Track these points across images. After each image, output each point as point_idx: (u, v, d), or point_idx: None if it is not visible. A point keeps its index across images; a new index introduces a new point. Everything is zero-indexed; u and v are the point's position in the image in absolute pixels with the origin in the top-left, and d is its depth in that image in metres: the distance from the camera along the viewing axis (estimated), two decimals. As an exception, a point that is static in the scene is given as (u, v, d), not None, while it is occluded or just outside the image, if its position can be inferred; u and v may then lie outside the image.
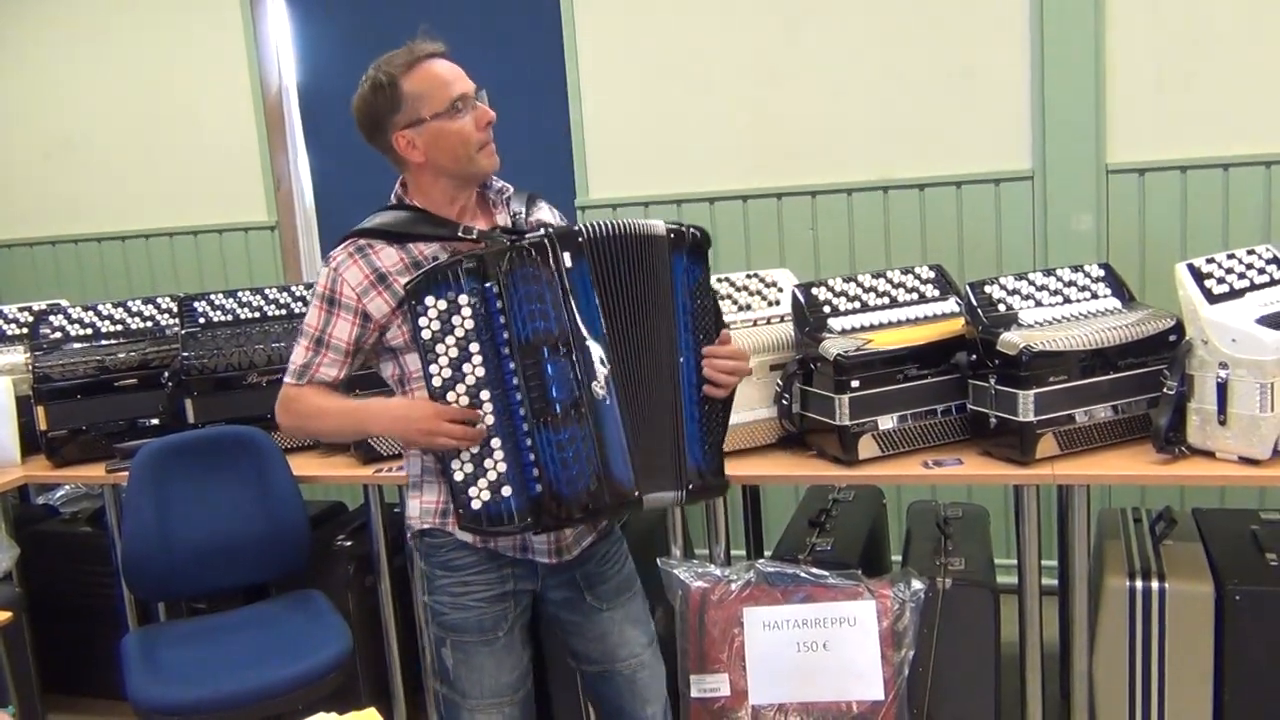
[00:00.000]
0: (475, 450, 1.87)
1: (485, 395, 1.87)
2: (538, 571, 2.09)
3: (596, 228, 1.90)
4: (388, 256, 1.99)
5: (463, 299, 1.85)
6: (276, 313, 3.49)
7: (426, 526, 2.07)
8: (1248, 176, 3.40)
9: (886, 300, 2.85)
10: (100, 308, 3.52)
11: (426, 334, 1.86)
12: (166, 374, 3.24)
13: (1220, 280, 2.48)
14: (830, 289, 2.83)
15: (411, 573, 3.05)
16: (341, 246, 2.03)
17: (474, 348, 1.86)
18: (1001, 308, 2.66)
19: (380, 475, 2.96)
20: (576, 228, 1.91)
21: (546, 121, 4.05)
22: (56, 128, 4.73)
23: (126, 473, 2.96)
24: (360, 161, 4.43)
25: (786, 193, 3.85)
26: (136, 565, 2.88)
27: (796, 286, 2.80)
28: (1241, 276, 2.51)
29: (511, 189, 2.13)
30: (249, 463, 3.00)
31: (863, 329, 2.73)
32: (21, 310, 3.69)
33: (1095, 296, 2.77)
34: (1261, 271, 2.54)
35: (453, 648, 2.08)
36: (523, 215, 2.07)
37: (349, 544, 3.22)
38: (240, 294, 3.49)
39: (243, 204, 4.54)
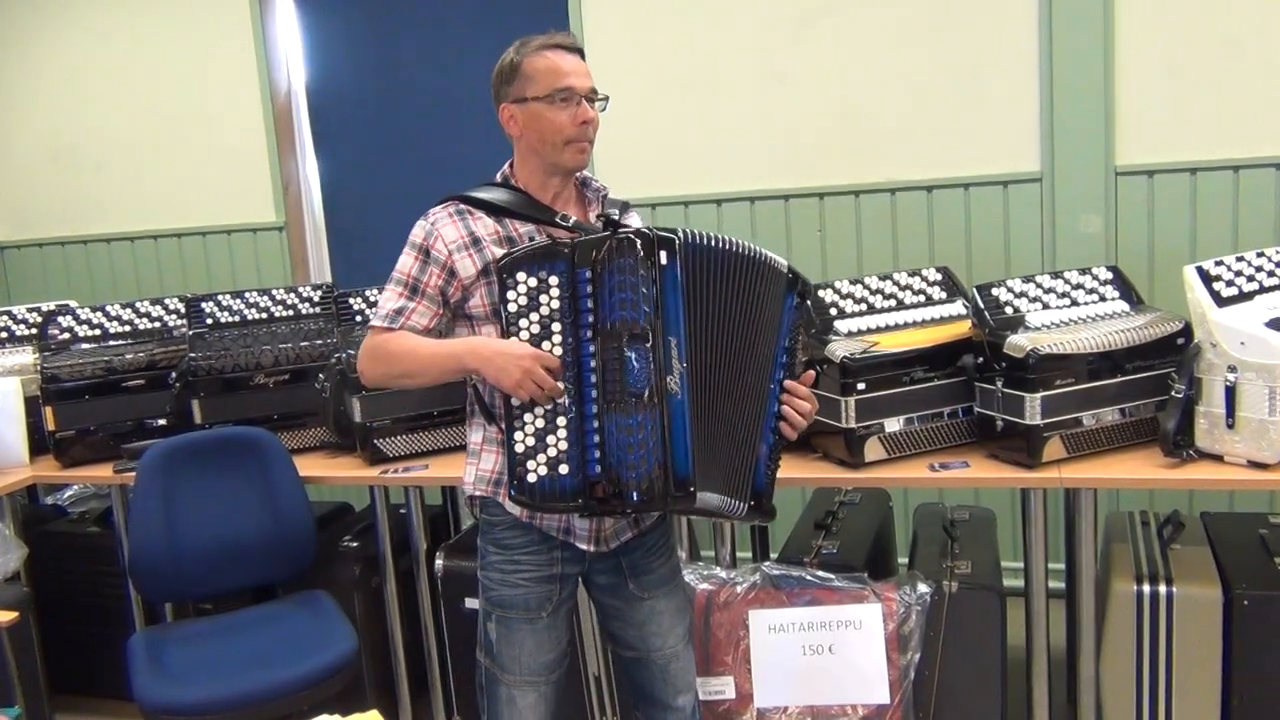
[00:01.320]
0: (541, 425, 1.92)
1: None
2: (585, 556, 2.13)
3: (694, 235, 1.95)
4: (484, 225, 2.07)
5: (553, 279, 1.91)
6: (284, 314, 3.49)
7: (479, 493, 2.13)
8: (1258, 178, 3.38)
9: (893, 302, 2.84)
10: (108, 308, 3.53)
11: (512, 307, 1.92)
12: (174, 375, 3.25)
13: (1229, 283, 2.47)
14: (837, 291, 2.83)
15: (416, 574, 3.06)
16: (442, 205, 2.10)
17: (555, 328, 1.92)
18: (1009, 310, 2.65)
19: (386, 477, 2.96)
20: (675, 229, 1.95)
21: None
22: (65, 129, 4.74)
23: (134, 473, 2.96)
24: (368, 163, 4.48)
25: (794, 194, 3.84)
26: (143, 565, 2.89)
27: (803, 288, 2.79)
28: (1251, 279, 2.50)
29: (608, 189, 2.21)
30: (255, 463, 3.00)
31: (869, 331, 2.72)
32: (30, 311, 3.71)
33: (1103, 299, 2.76)
34: (1271, 274, 2.53)
35: (498, 622, 2.14)
36: (616, 214, 2.11)
37: (355, 545, 3.22)
38: (247, 295, 3.49)
39: (251, 205, 4.55)
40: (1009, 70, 3.57)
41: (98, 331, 3.48)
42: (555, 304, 1.91)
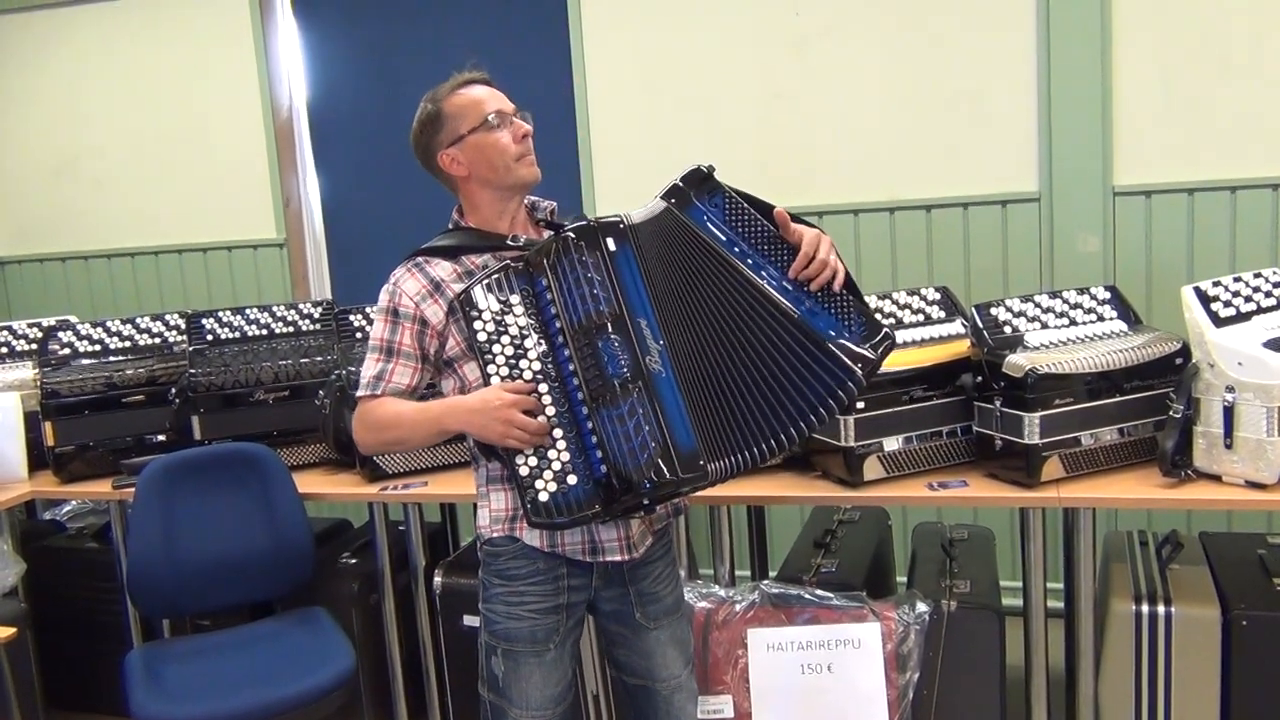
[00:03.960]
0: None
1: (544, 388, 1.91)
2: (592, 582, 2.11)
3: (637, 214, 1.99)
4: (443, 268, 2.08)
5: (514, 298, 1.93)
6: (284, 330, 3.50)
7: (495, 534, 2.09)
8: (1255, 199, 3.39)
9: (892, 321, 2.85)
10: (109, 324, 3.54)
11: (482, 335, 1.93)
12: (173, 390, 3.25)
13: (1227, 303, 2.48)
14: (836, 310, 2.83)
15: (415, 591, 3.06)
16: (400, 265, 2.11)
17: (529, 343, 1.92)
18: (1007, 329, 2.66)
19: (385, 493, 2.96)
20: (618, 216, 1.98)
21: (555, 140, 4.06)
22: (67, 145, 4.76)
23: (133, 489, 2.96)
24: (368, 180, 4.49)
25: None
26: (141, 581, 2.89)
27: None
28: (1248, 300, 2.51)
29: (555, 204, 2.22)
30: (254, 480, 3.00)
31: (868, 350, 2.72)
32: (31, 326, 3.71)
33: (1101, 319, 2.77)
34: (1269, 295, 2.54)
35: (503, 656, 2.10)
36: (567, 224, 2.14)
37: (354, 562, 3.22)
38: (248, 311, 3.50)
39: (252, 221, 4.56)
40: (1008, 90, 3.59)
41: (98, 347, 3.49)
42: (522, 320, 1.93)
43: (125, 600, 3.13)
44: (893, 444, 2.59)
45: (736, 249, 2.00)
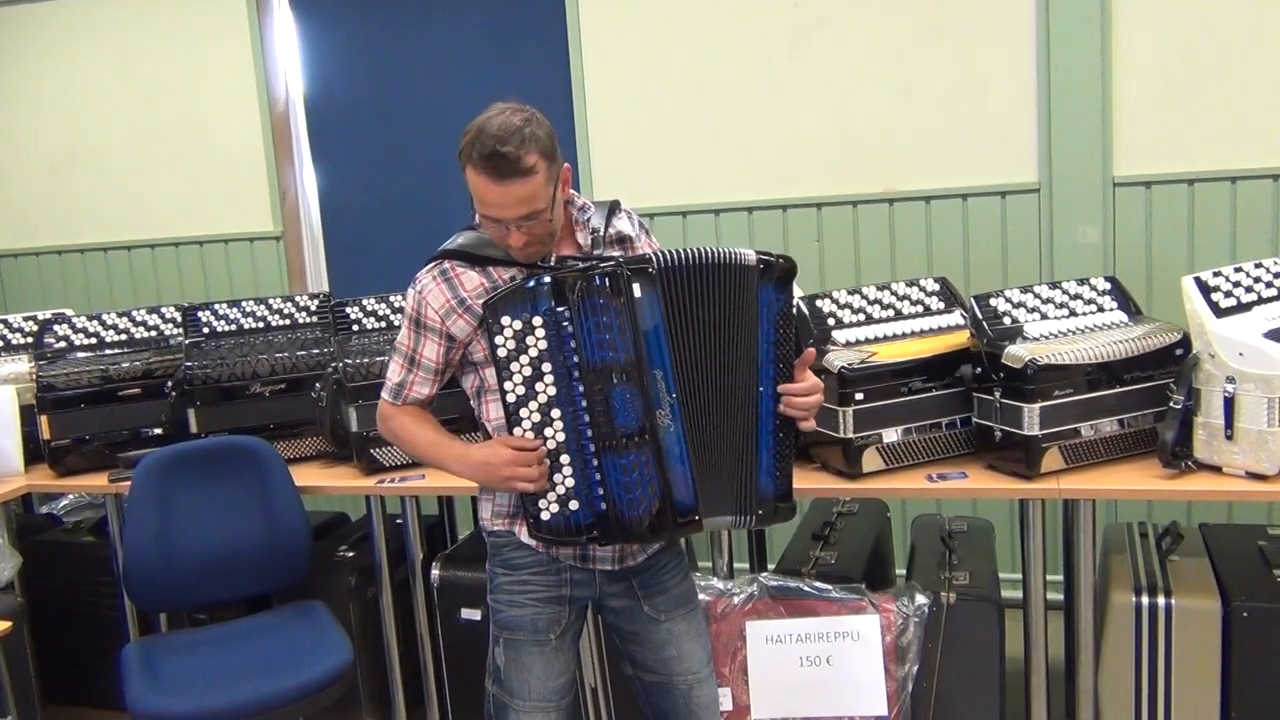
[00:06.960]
0: (546, 464, 1.95)
1: (556, 414, 1.93)
2: (595, 579, 2.13)
3: (669, 257, 1.93)
4: (469, 280, 2.05)
5: (536, 320, 1.91)
6: (280, 323, 3.49)
7: (495, 528, 2.14)
8: (1255, 189, 3.38)
9: (891, 313, 2.84)
10: (105, 317, 3.52)
11: (502, 351, 1.93)
12: (170, 384, 3.24)
13: (1227, 294, 2.47)
14: (835, 301, 2.83)
15: (413, 584, 3.05)
16: (426, 269, 2.08)
17: (546, 368, 1.92)
18: (1007, 321, 2.65)
19: (382, 486, 2.95)
20: (648, 256, 1.94)
21: (552, 133, 4.05)
22: (64, 138, 4.74)
23: (129, 482, 2.95)
24: (365, 173, 4.48)
25: (792, 205, 3.84)
26: (138, 575, 2.88)
27: (801, 299, 2.79)
28: (1249, 290, 2.50)
29: (592, 207, 2.16)
30: (251, 473, 2.99)
31: (867, 341, 2.72)
32: (26, 319, 3.70)
33: (1101, 310, 2.76)
34: (1269, 285, 2.53)
35: (505, 646, 2.13)
36: (601, 231, 2.12)
37: (351, 555, 3.21)
38: (244, 304, 3.48)
39: (248, 214, 4.55)
40: (1007, 81, 3.58)
41: (94, 340, 3.47)
42: (542, 344, 1.91)
43: (121, 594, 3.12)
44: (892, 435, 2.58)
45: (765, 344, 2.00)
